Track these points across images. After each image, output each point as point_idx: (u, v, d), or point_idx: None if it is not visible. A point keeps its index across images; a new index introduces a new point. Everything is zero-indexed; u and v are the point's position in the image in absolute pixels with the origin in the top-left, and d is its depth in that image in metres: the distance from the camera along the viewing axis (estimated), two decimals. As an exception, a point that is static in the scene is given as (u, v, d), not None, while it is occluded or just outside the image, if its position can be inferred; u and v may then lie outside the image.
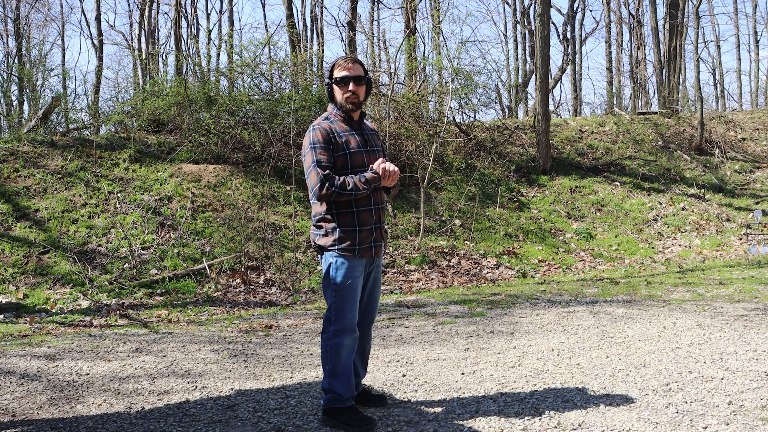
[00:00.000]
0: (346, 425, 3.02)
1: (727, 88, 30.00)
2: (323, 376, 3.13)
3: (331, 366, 3.08)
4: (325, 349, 3.10)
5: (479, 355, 4.48)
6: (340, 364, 3.08)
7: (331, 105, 3.23)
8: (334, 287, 3.09)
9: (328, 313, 3.11)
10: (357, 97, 3.13)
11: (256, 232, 8.69)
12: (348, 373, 3.11)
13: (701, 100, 15.72)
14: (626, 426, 3.00)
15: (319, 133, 3.07)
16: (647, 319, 5.52)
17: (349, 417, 3.05)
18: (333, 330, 3.08)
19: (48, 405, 3.52)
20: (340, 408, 3.07)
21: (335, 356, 3.07)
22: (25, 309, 6.47)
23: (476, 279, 8.47)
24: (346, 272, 3.09)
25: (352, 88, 3.11)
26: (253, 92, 11.40)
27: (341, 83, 3.12)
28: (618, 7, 26.06)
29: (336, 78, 3.13)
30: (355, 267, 3.11)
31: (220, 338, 5.23)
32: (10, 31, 22.72)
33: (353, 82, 3.10)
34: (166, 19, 26.91)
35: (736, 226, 11.60)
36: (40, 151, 9.47)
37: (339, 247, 3.10)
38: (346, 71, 3.11)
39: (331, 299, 3.11)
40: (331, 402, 3.09)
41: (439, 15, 16.39)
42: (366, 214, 3.12)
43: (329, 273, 3.11)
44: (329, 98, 3.21)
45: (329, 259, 3.12)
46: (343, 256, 3.09)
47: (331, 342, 3.08)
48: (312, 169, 3.05)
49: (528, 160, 13.23)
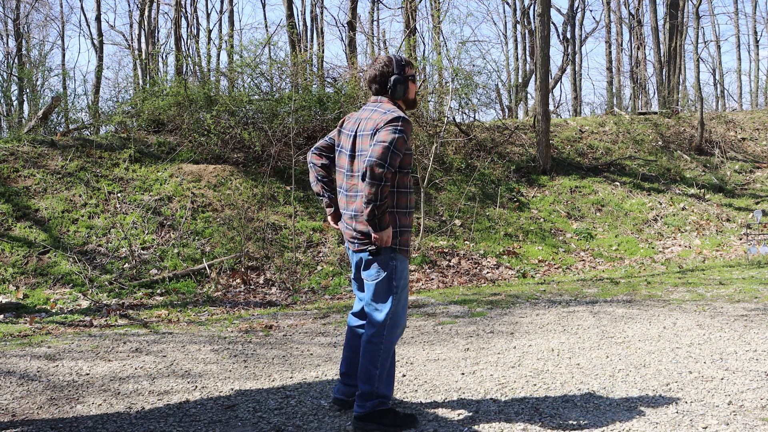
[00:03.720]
0: (392, 426, 2.99)
1: (727, 88, 30.02)
2: (368, 381, 3.00)
3: (381, 370, 3.01)
4: (377, 353, 3.01)
5: (479, 355, 4.48)
6: (390, 366, 3.06)
7: (390, 102, 3.12)
8: (395, 290, 3.03)
9: (382, 316, 3.02)
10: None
11: (256, 232, 8.69)
12: (394, 374, 3.11)
13: (701, 100, 15.71)
14: (626, 426, 3.00)
15: (408, 130, 2.95)
16: (647, 319, 5.52)
17: (394, 418, 3.02)
18: (387, 333, 3.02)
19: (48, 405, 3.52)
20: (383, 410, 3.02)
21: (386, 359, 3.03)
22: (25, 309, 6.47)
23: (476, 279, 8.47)
24: (406, 274, 3.08)
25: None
26: (253, 92, 11.39)
27: (414, 81, 3.13)
28: (618, 7, 26.08)
29: (411, 75, 3.11)
30: (407, 267, 3.12)
31: (220, 338, 5.23)
32: (10, 31, 22.73)
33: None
34: (166, 19, 26.93)
35: (736, 226, 11.60)
36: (40, 151, 9.47)
37: (402, 248, 3.05)
38: (415, 72, 3.15)
39: (390, 302, 3.02)
40: (376, 406, 3.01)
41: (439, 15, 16.38)
42: (411, 216, 3.14)
43: (391, 275, 3.02)
44: (398, 94, 3.10)
45: (391, 260, 3.03)
46: (403, 254, 3.06)
47: (386, 345, 3.02)
48: (392, 154, 2.89)
49: (528, 160, 13.23)
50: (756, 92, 27.49)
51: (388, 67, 3.09)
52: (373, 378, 3.00)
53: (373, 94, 3.19)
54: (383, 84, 3.10)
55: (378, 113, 3.02)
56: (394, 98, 3.11)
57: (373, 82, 3.13)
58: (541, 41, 12.93)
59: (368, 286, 3.08)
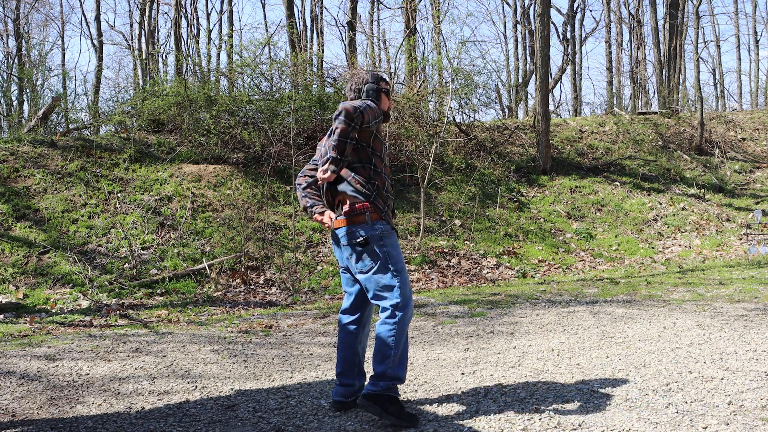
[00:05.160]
0: (396, 416, 3.01)
1: (727, 88, 30.03)
2: (383, 361, 3.05)
3: (396, 350, 3.05)
4: (392, 335, 3.04)
5: (479, 355, 4.48)
6: (404, 347, 3.10)
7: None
8: (395, 273, 3.09)
9: (394, 300, 3.06)
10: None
11: (256, 232, 8.69)
12: (407, 356, 3.14)
13: (701, 100, 15.72)
14: (626, 426, 3.00)
15: (372, 112, 3.10)
16: (647, 319, 5.52)
17: (400, 409, 3.04)
18: (401, 315, 3.06)
19: (48, 405, 3.52)
20: (391, 397, 3.05)
21: (401, 340, 3.06)
22: (25, 309, 6.47)
23: (476, 279, 8.47)
24: (400, 254, 3.16)
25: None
26: (253, 92, 11.40)
27: (388, 95, 3.34)
28: (618, 7, 26.08)
29: (386, 88, 3.32)
30: (398, 245, 3.21)
31: (220, 338, 5.23)
32: (10, 31, 22.72)
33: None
34: (166, 19, 26.93)
35: (736, 226, 11.60)
36: (40, 151, 9.47)
37: (385, 216, 3.14)
38: (390, 87, 3.42)
39: (396, 285, 3.08)
40: (386, 389, 3.04)
41: (439, 15, 16.39)
42: (385, 191, 3.20)
43: (386, 261, 3.09)
44: (372, 100, 3.28)
45: (381, 246, 3.09)
46: (389, 226, 3.15)
47: (400, 326, 3.05)
48: (339, 141, 3.01)
49: (528, 160, 13.23)
50: (756, 92, 27.50)
51: (364, 79, 3.33)
52: (387, 358, 3.05)
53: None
54: (357, 92, 3.32)
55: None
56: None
57: (350, 92, 3.36)
58: (541, 41, 12.93)
59: (367, 278, 3.11)
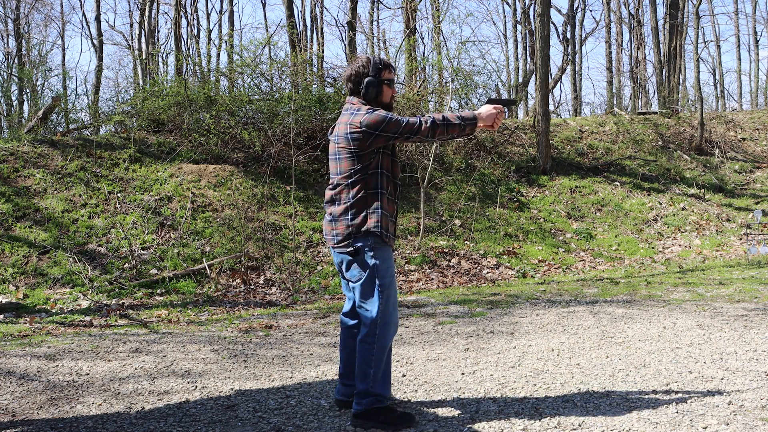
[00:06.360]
0: (388, 424, 2.98)
1: (727, 88, 30.03)
2: (364, 380, 3.00)
3: (376, 369, 3.00)
4: (370, 354, 2.99)
5: (479, 355, 4.48)
6: (386, 365, 3.04)
7: (361, 103, 3.09)
8: (381, 288, 2.98)
9: (372, 315, 2.98)
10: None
11: (256, 232, 8.69)
12: (390, 373, 3.09)
13: (701, 100, 15.71)
14: (626, 426, 3.00)
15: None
16: (647, 319, 5.52)
17: (389, 415, 3.01)
18: (380, 332, 2.98)
19: (48, 405, 3.52)
20: (379, 408, 3.02)
21: (381, 358, 3.01)
22: (25, 309, 6.47)
23: (476, 279, 8.47)
24: (391, 270, 3.01)
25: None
26: (253, 92, 11.40)
27: (391, 85, 3.14)
28: (618, 7, 26.08)
29: (387, 79, 3.10)
30: (392, 263, 3.06)
31: (220, 338, 5.23)
32: (10, 31, 22.72)
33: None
34: (166, 19, 26.92)
35: (736, 226, 11.60)
36: (40, 151, 9.47)
37: (381, 231, 2.95)
38: (395, 76, 3.17)
39: (378, 301, 2.98)
40: (370, 404, 3.01)
41: (439, 15, 16.38)
42: (393, 205, 3.06)
43: (374, 274, 2.97)
44: (369, 96, 3.08)
45: (370, 258, 2.97)
46: (385, 241, 2.99)
47: (379, 345, 2.99)
48: (396, 119, 2.93)
49: (528, 160, 13.23)
50: (756, 92, 27.50)
51: (364, 68, 3.09)
52: (368, 377, 3.00)
53: (348, 95, 3.22)
54: (357, 84, 3.11)
55: (347, 115, 3.06)
56: (366, 100, 3.10)
57: (348, 81, 3.15)
58: (541, 41, 12.93)
59: (354, 287, 3.07)
